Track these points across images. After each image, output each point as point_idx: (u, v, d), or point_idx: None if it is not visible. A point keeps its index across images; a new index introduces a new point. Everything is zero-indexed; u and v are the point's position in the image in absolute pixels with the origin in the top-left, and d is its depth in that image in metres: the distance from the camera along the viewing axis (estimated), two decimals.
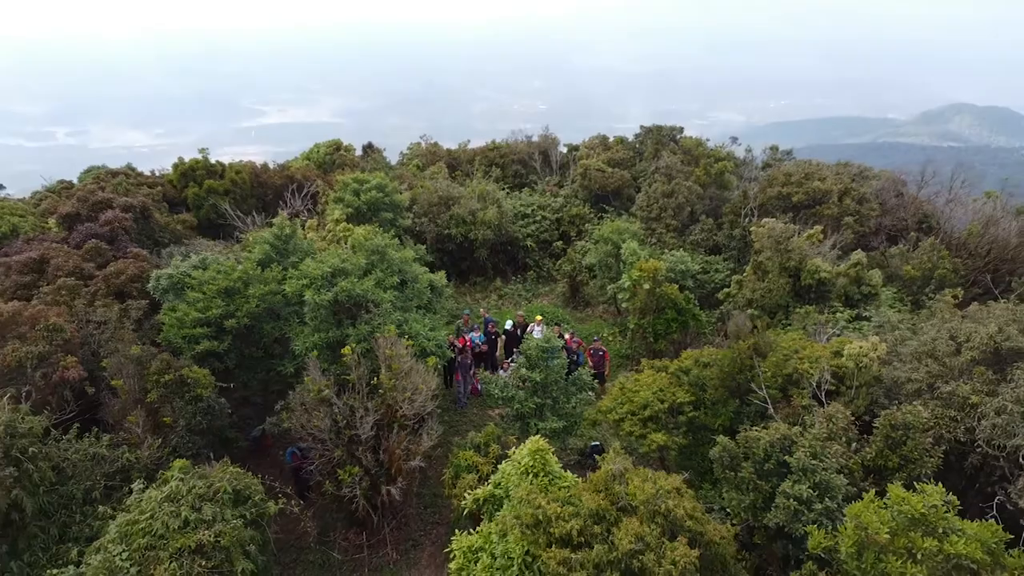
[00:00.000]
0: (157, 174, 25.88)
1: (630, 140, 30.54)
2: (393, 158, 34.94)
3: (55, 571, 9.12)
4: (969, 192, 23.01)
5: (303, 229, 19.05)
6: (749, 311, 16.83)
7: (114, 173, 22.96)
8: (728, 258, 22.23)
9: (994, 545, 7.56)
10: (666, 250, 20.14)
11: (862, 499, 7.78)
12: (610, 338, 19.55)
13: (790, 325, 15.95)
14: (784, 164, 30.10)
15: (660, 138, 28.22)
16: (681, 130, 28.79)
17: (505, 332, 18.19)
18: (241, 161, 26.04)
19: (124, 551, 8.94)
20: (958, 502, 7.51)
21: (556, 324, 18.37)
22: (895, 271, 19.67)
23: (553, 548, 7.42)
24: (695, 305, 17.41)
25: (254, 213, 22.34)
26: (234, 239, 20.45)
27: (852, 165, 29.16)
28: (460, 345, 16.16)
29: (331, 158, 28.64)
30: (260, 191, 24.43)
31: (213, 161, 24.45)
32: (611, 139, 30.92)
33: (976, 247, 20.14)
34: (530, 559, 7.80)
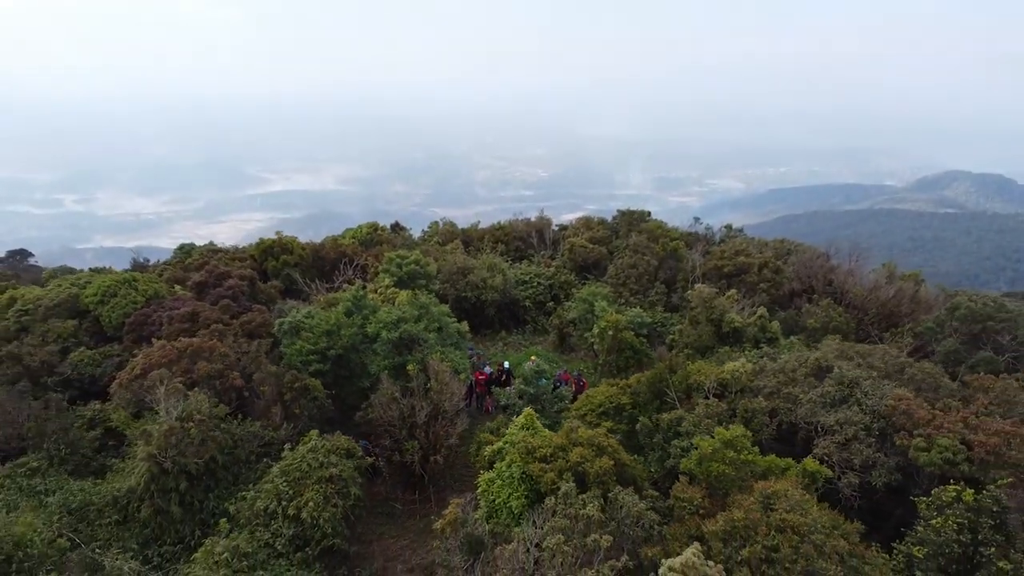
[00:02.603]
0: (235, 249, 33.25)
1: (609, 221, 38.00)
2: (411, 230, 42.57)
3: (243, 492, 15.31)
4: (867, 263, 29.93)
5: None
6: (685, 351, 23.34)
7: (214, 251, 30.21)
8: (683, 315, 28.88)
9: (784, 466, 13.88)
10: (628, 308, 26.84)
11: None
12: (587, 372, 25.92)
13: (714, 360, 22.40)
14: (735, 239, 37.48)
15: (632, 220, 35.65)
16: (649, 214, 36.30)
17: (505, 371, 24.60)
18: (303, 240, 33.32)
19: (284, 481, 15.15)
20: (751, 436, 13.85)
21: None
22: (803, 323, 26.30)
23: (536, 463, 13.71)
24: (647, 347, 23.95)
25: (317, 280, 29.34)
26: (307, 300, 27.28)
27: (788, 242, 36.55)
28: (478, 379, 22.63)
29: (370, 236, 36.01)
30: (319, 263, 31.55)
31: (284, 240, 31.73)
32: (594, 220, 38.41)
33: (863, 305, 26.82)
34: (524, 475, 14.04)
